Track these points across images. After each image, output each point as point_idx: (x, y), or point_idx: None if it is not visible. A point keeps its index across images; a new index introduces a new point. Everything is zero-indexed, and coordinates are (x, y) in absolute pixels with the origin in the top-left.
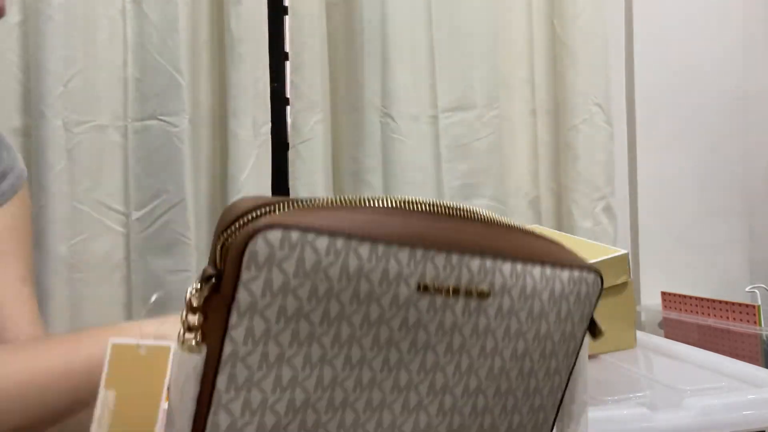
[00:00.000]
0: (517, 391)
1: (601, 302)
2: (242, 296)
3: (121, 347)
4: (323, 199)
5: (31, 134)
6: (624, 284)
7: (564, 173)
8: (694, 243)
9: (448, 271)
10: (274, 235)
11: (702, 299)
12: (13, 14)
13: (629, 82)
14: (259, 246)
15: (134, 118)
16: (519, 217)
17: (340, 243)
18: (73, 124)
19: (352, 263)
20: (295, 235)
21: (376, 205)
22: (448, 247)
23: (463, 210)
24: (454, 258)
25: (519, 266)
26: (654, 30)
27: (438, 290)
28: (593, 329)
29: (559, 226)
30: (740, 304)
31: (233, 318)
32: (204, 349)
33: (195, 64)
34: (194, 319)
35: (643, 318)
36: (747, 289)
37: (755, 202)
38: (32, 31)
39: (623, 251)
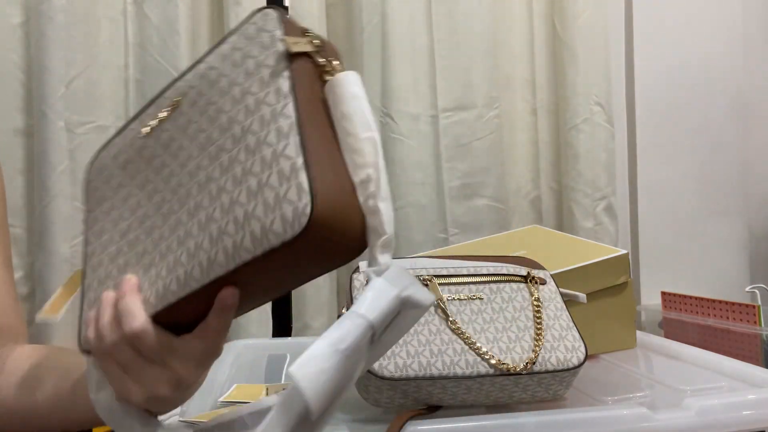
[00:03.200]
0: (238, 155)
1: (601, 302)
2: None
3: None
4: None
5: (34, 135)
6: (624, 284)
7: (565, 173)
8: (694, 243)
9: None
10: None
11: (702, 299)
12: (15, 15)
13: (629, 82)
14: None
15: None
16: (520, 217)
17: None
18: (75, 124)
19: None
20: None
21: None
22: None
23: None
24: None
25: (202, 66)
26: (654, 30)
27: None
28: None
29: (560, 226)
30: (740, 304)
31: None
32: None
33: None
34: None
35: (643, 318)
36: (747, 289)
37: (755, 202)
38: (34, 32)
39: (623, 251)
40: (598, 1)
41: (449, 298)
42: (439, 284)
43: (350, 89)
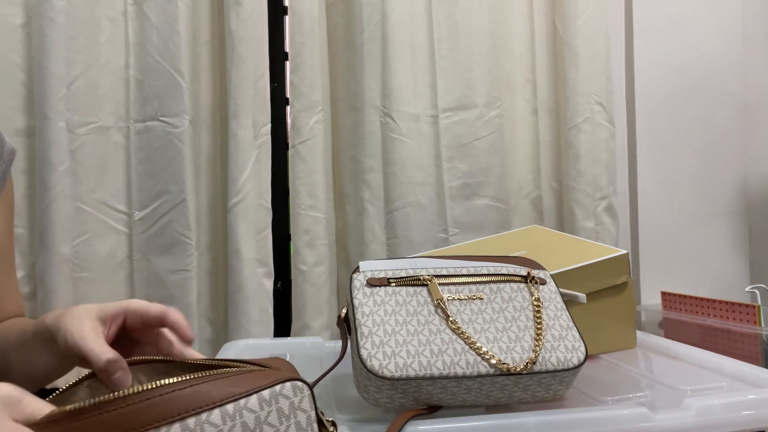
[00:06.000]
0: None
1: (601, 302)
2: None
3: None
4: None
5: (35, 135)
6: (624, 284)
7: (565, 172)
8: (694, 243)
9: None
10: None
11: (702, 299)
12: (16, 16)
13: (629, 82)
14: None
15: (136, 119)
16: (520, 216)
17: None
18: (76, 125)
19: None
20: None
21: None
22: None
23: (102, 402)
24: None
25: (191, 421)
26: (654, 29)
27: None
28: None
29: (561, 226)
30: (740, 304)
31: None
32: None
33: (195, 66)
34: None
35: (643, 318)
36: (747, 289)
37: (755, 202)
38: (35, 33)
39: (623, 251)
40: (598, 1)
41: (449, 298)
42: (439, 284)
43: None
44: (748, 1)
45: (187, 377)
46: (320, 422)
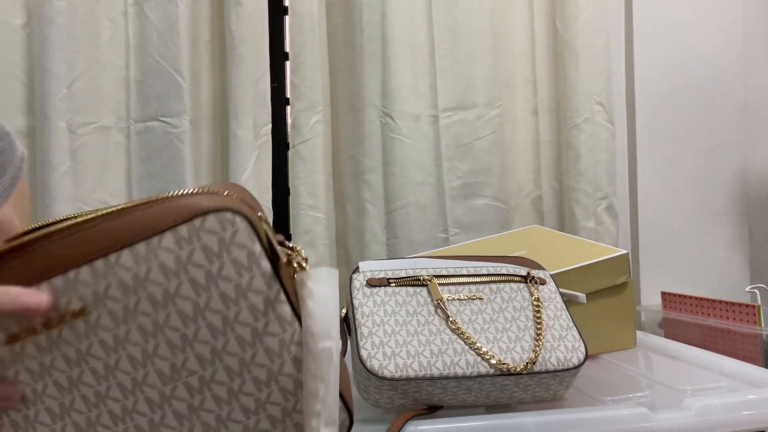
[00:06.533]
0: (216, 376)
1: (601, 302)
2: None
3: None
4: None
5: (36, 136)
6: (624, 284)
7: (566, 172)
8: (694, 243)
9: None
10: None
11: (702, 299)
12: (16, 16)
13: (629, 82)
14: None
15: (136, 119)
16: (521, 216)
17: None
18: (76, 125)
19: None
20: None
21: None
22: None
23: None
24: None
25: (99, 264)
26: (654, 29)
27: (31, 332)
28: (281, 261)
29: (561, 226)
30: (740, 304)
31: None
32: None
33: (196, 66)
34: None
35: (643, 318)
36: (747, 289)
37: (755, 202)
38: (35, 33)
39: (623, 251)
40: (599, 1)
41: (449, 298)
42: (439, 284)
43: (319, 290)
44: (748, 1)
45: (87, 218)
46: (272, 252)
